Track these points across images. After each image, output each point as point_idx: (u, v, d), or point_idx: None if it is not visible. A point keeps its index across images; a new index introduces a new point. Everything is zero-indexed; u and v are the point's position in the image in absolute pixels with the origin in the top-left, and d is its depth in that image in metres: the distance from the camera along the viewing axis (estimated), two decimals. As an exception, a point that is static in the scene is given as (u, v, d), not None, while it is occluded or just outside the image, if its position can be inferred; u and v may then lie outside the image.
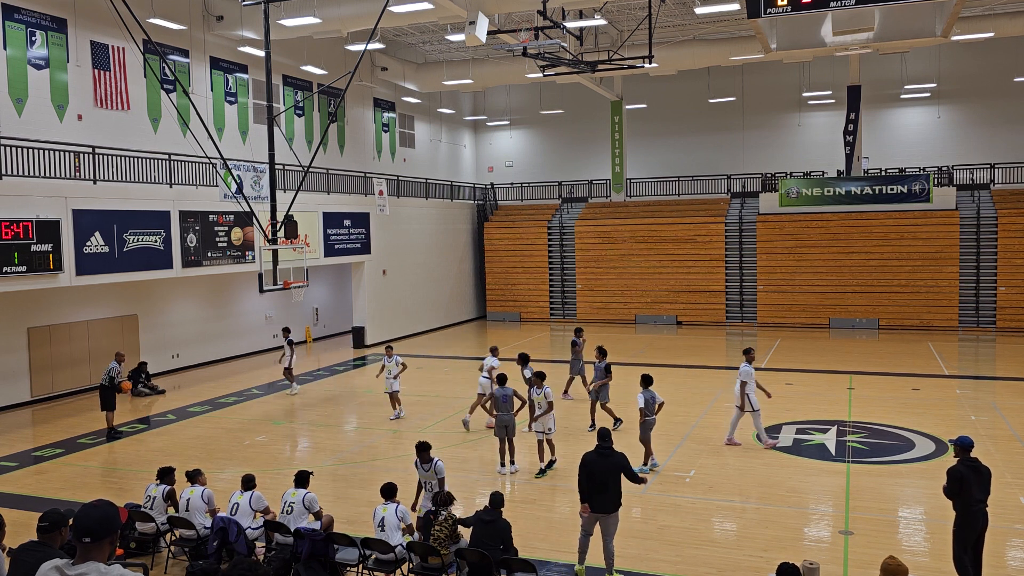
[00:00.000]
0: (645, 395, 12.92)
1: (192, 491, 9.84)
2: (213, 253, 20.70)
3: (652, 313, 32.39)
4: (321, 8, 21.31)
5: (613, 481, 8.81)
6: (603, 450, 8.95)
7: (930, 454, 13.70)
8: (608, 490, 8.80)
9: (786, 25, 24.37)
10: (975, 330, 28.58)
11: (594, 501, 8.83)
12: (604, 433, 9.14)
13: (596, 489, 8.81)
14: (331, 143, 29.40)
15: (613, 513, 8.88)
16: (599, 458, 8.89)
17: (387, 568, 8.75)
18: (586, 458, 8.96)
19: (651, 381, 13.17)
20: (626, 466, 8.93)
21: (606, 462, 8.84)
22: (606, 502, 8.82)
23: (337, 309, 30.82)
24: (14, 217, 15.58)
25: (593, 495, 8.82)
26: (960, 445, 8.58)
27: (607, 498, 8.82)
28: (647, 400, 12.88)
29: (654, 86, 35.50)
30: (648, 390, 13.00)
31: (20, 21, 18.50)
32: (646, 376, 13.23)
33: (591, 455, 8.96)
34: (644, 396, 12.90)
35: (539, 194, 37.04)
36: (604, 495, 8.81)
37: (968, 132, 32.27)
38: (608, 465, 8.82)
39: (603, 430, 9.24)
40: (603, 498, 8.81)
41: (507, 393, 13.22)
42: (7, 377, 18.84)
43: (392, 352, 17.38)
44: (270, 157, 16.42)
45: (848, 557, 9.62)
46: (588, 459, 8.94)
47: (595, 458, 8.90)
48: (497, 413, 13.21)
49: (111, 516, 3.98)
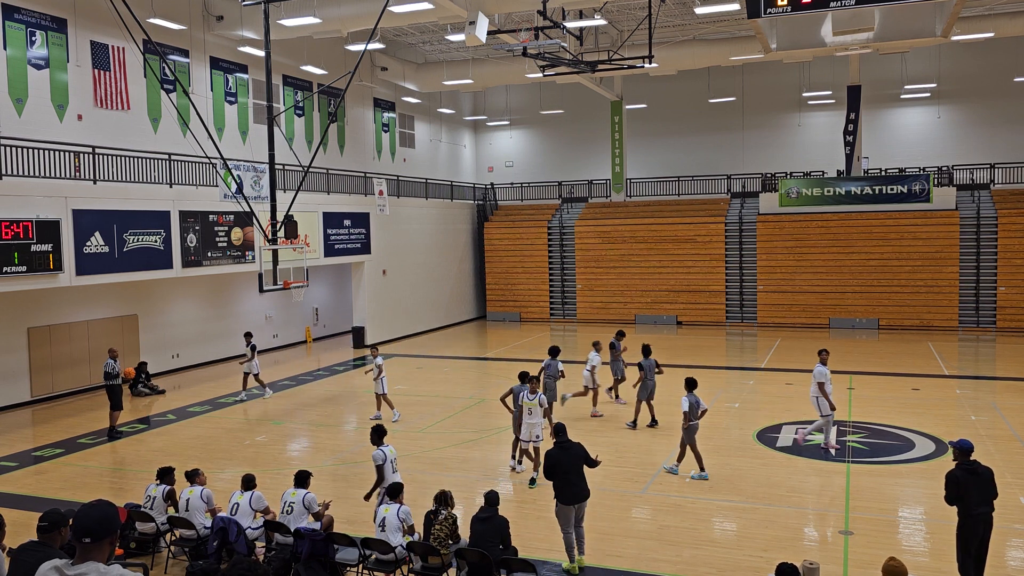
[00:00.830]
0: (690, 399, 12.59)
1: (191, 491, 9.85)
2: (213, 253, 20.70)
3: (652, 313, 32.39)
4: (321, 8, 21.31)
5: (579, 471, 9.27)
6: (563, 444, 9.37)
7: (930, 454, 13.70)
8: (579, 480, 9.25)
9: (786, 25, 24.38)
10: (975, 330, 28.58)
11: (568, 494, 9.19)
12: (560, 428, 9.63)
13: (567, 483, 9.18)
14: (331, 143, 29.40)
15: (586, 500, 9.32)
16: (561, 452, 9.29)
17: (387, 568, 8.76)
18: (550, 454, 9.34)
19: (695, 385, 12.84)
20: (585, 455, 9.38)
21: (568, 455, 9.26)
22: (579, 492, 9.25)
23: (337, 309, 30.82)
24: (14, 217, 15.58)
25: (566, 488, 9.18)
26: (959, 448, 8.53)
27: (579, 489, 9.25)
28: (692, 404, 12.55)
29: (654, 86, 35.50)
30: (692, 394, 12.66)
31: (20, 21, 18.50)
32: (691, 379, 12.91)
33: (554, 451, 9.34)
34: (689, 400, 12.57)
35: (539, 194, 37.05)
36: (576, 486, 9.23)
37: (968, 132, 32.27)
38: (571, 457, 9.25)
39: (559, 425, 9.70)
40: (576, 490, 9.22)
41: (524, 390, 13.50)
42: (7, 377, 18.85)
43: (377, 353, 17.49)
44: (270, 157, 16.42)
45: (848, 557, 9.62)
46: (553, 455, 9.31)
47: (558, 453, 9.29)
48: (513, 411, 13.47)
49: (110, 516, 3.98)
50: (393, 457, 10.35)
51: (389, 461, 10.27)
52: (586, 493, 9.29)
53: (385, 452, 10.30)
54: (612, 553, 9.85)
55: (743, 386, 20.14)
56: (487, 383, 21.41)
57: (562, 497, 9.20)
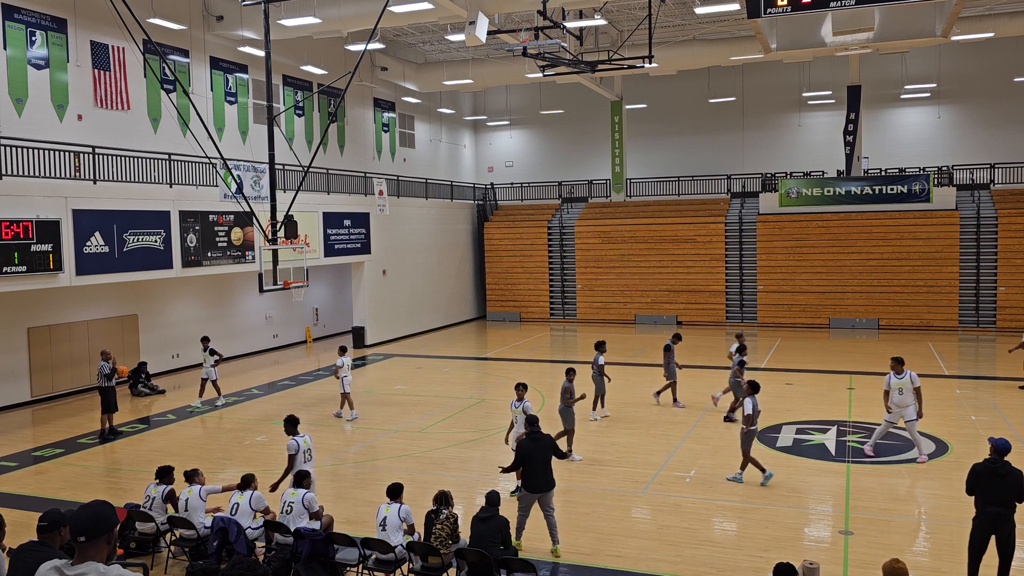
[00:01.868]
0: (752, 401, 12.17)
1: (190, 491, 9.84)
2: (213, 253, 20.70)
3: (652, 313, 32.40)
4: (321, 8, 21.31)
5: (547, 461, 9.76)
6: (535, 435, 9.87)
7: (930, 454, 13.69)
8: (547, 470, 9.74)
9: (786, 25, 24.38)
10: (975, 330, 28.58)
11: (535, 482, 9.68)
12: (532, 420, 10.15)
13: (536, 471, 9.67)
14: (331, 143, 29.40)
15: (551, 491, 9.80)
16: (532, 443, 9.79)
17: (387, 568, 8.75)
18: (522, 445, 9.89)
19: (759, 388, 12.47)
20: (553, 446, 9.93)
21: (538, 445, 9.77)
22: (548, 482, 9.74)
23: (337, 309, 30.82)
24: (14, 217, 15.59)
25: (534, 477, 9.68)
26: (993, 446, 8.42)
27: (548, 478, 9.75)
28: (753, 406, 12.13)
29: (654, 86, 35.50)
30: (755, 397, 12.29)
31: (20, 21, 18.50)
32: (754, 383, 12.50)
33: (526, 442, 9.86)
34: (751, 402, 12.15)
35: (539, 194, 37.05)
36: (545, 476, 9.72)
37: (968, 132, 32.27)
38: (541, 448, 9.77)
39: (531, 417, 10.25)
40: (544, 479, 9.71)
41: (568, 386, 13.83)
42: (7, 377, 18.85)
43: (345, 352, 17.70)
44: (270, 157, 16.41)
45: (848, 557, 9.62)
46: (524, 445, 9.85)
47: (529, 444, 9.80)
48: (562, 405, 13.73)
49: (105, 515, 3.98)
50: (307, 448, 10.89)
51: (302, 451, 10.80)
52: (551, 484, 9.78)
53: (299, 442, 10.82)
54: (612, 553, 9.85)
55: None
56: (487, 383, 21.42)
57: (527, 485, 9.75)
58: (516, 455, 9.93)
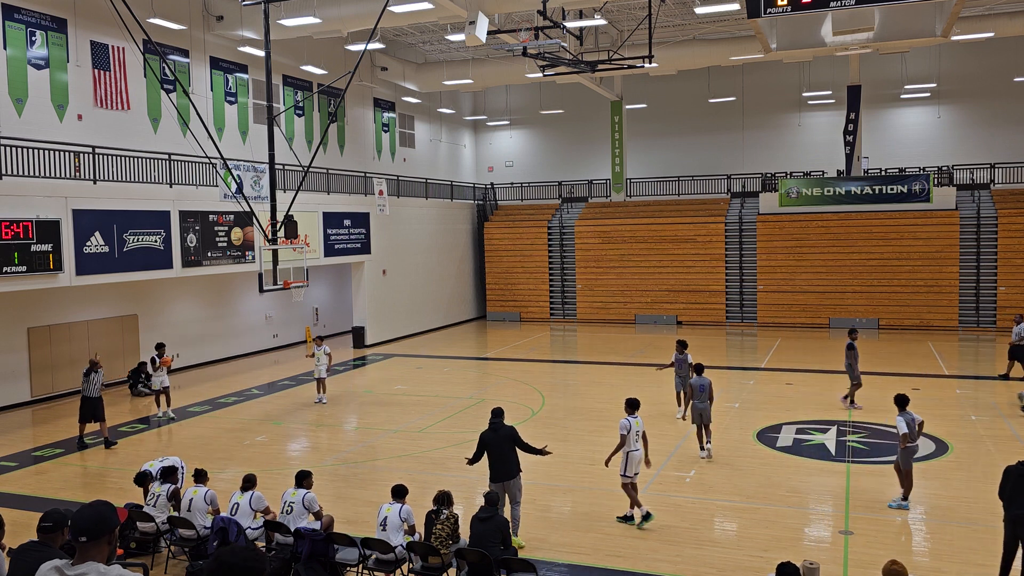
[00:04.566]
0: (905, 417, 11.13)
1: (195, 491, 9.84)
2: (213, 253, 20.69)
3: (652, 313, 32.39)
4: (321, 8, 21.31)
5: (508, 450, 10.03)
6: (495, 426, 10.18)
7: (930, 454, 13.69)
8: (507, 460, 10.03)
9: (786, 25, 24.38)
10: (975, 330, 28.58)
11: (497, 471, 10.00)
12: (497, 412, 10.40)
13: (497, 460, 10.03)
14: (331, 143, 29.39)
15: (515, 479, 10.04)
16: (492, 434, 10.14)
17: (387, 568, 8.75)
18: (483, 436, 10.21)
19: (907, 401, 11.40)
20: (515, 436, 10.16)
21: (497, 435, 10.11)
22: (508, 471, 10.01)
23: (337, 309, 30.81)
24: (14, 217, 15.58)
25: (495, 466, 10.02)
26: None
27: (508, 467, 10.03)
28: (908, 423, 11.10)
29: (654, 86, 35.49)
30: (907, 411, 11.23)
31: (20, 21, 18.50)
32: (902, 396, 11.43)
33: (487, 433, 10.19)
34: (904, 419, 11.12)
35: (539, 194, 37.04)
36: (505, 465, 10.02)
37: (968, 132, 32.27)
38: (500, 438, 10.10)
39: (496, 409, 10.45)
40: (504, 467, 10.01)
41: (704, 383, 13.79)
42: (7, 377, 18.84)
43: (322, 343, 19.10)
44: (270, 157, 16.42)
45: (848, 557, 9.62)
46: (484, 437, 10.19)
47: (490, 434, 10.15)
48: (694, 400, 13.81)
49: (106, 515, 3.98)
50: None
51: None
52: (512, 472, 10.04)
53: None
54: (612, 553, 9.85)
55: (743, 386, 20.14)
56: (487, 383, 21.42)
57: (491, 474, 10.06)
58: (477, 446, 10.26)
